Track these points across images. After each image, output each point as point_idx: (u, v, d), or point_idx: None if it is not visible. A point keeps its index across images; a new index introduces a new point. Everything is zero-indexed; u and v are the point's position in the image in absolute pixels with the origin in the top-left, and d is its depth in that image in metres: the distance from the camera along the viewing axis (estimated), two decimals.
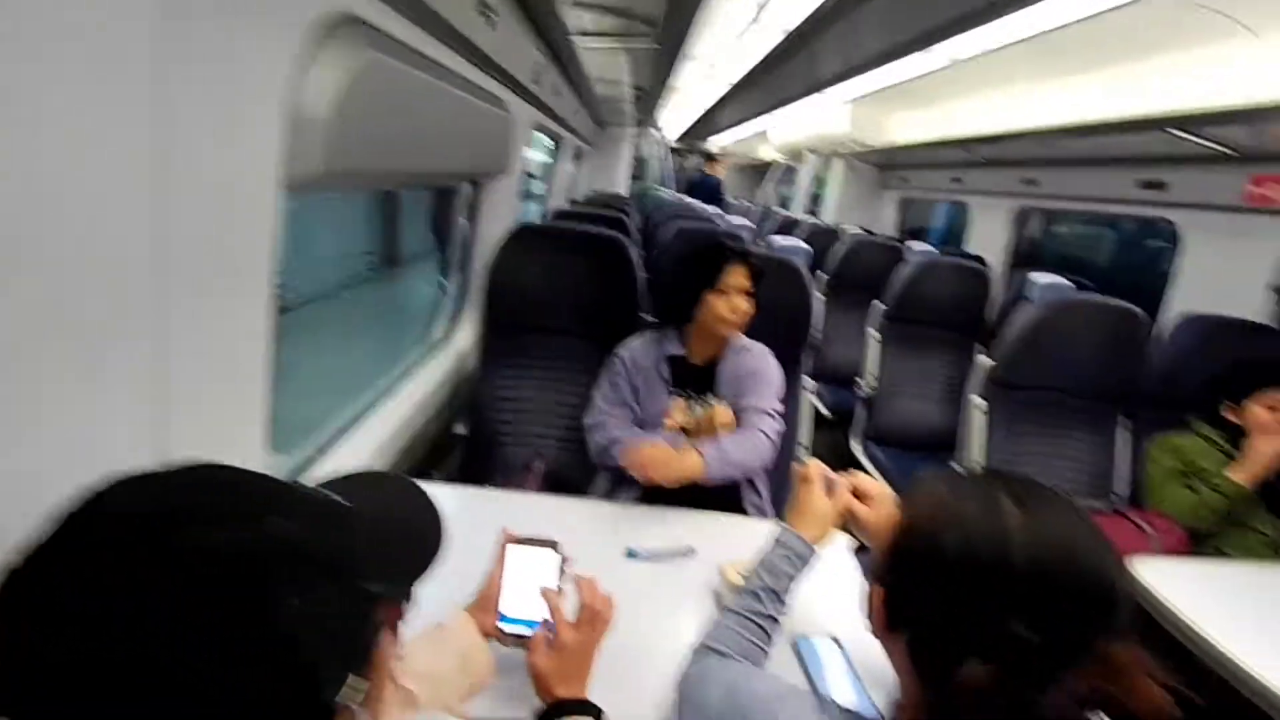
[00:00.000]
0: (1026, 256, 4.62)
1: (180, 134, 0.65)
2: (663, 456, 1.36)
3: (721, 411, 1.59)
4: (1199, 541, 1.75)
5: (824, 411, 3.39)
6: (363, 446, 1.48)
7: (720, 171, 9.77)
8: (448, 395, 1.99)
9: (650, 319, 1.93)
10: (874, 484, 0.93)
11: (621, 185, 6.66)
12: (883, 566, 0.65)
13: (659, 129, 7.94)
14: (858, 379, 2.91)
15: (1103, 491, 2.00)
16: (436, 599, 0.87)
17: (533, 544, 0.92)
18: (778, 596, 0.89)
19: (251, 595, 0.35)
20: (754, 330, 1.65)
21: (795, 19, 2.38)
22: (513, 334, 1.91)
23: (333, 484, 0.53)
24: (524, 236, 1.88)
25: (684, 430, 1.60)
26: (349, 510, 0.45)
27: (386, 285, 7.20)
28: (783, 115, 5.20)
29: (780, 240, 2.07)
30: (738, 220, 3.15)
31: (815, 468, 0.96)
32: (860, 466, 2.78)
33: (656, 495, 1.52)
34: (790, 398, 1.79)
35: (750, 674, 0.76)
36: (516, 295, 1.87)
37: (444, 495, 1.43)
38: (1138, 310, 1.93)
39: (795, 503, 0.95)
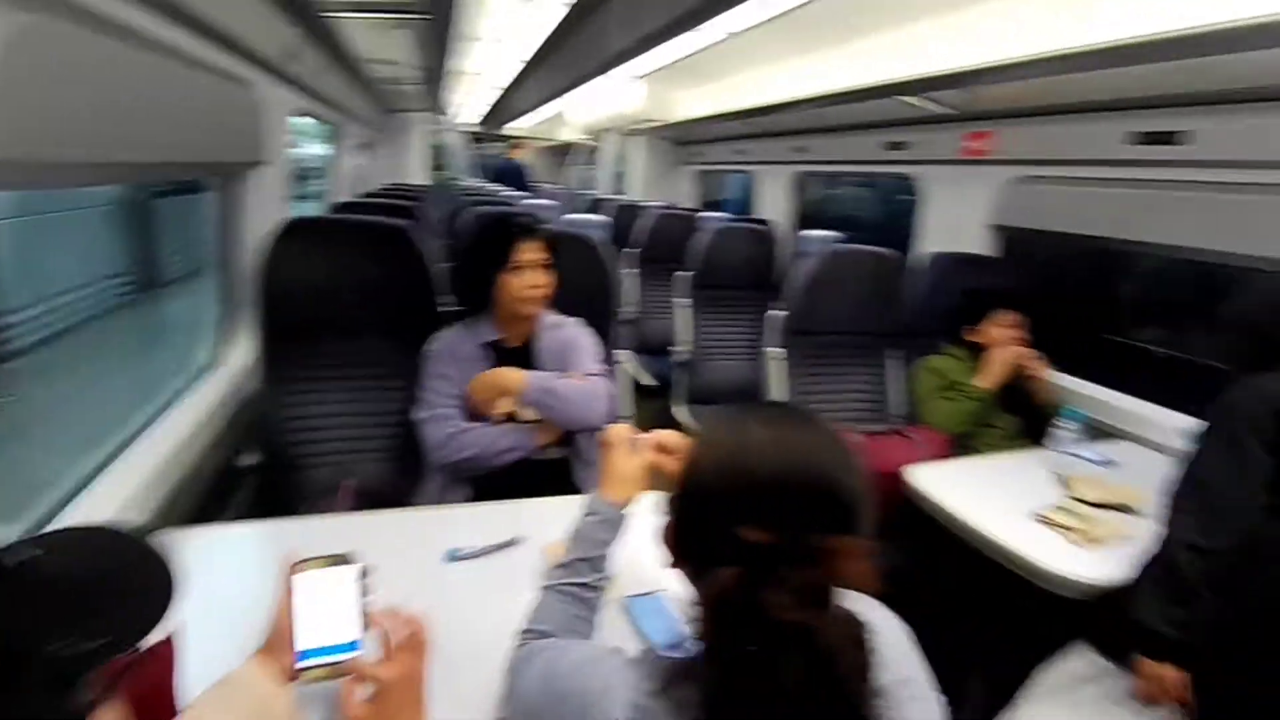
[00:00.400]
0: (810, 218, 5.12)
1: None
2: (487, 378, 1.50)
3: None
4: (957, 445, 2.06)
5: (647, 381, 3.50)
6: (114, 496, 1.24)
7: (525, 155, 9.64)
8: (225, 423, 1.74)
9: (450, 309, 1.84)
10: (677, 437, 0.95)
11: (419, 175, 6.28)
12: (671, 498, 0.68)
13: (455, 115, 7.59)
14: (673, 346, 3.04)
15: (882, 415, 2.28)
16: (227, 651, 0.78)
17: (323, 564, 0.82)
18: (593, 564, 0.89)
19: None
20: (560, 307, 1.65)
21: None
22: (296, 343, 1.71)
23: (30, 540, 0.42)
24: (295, 233, 1.67)
25: (511, 418, 1.56)
26: (22, 565, 0.37)
27: (146, 311, 6.20)
28: (580, 95, 5.22)
29: (574, 217, 2.09)
30: (541, 202, 3.12)
31: (616, 431, 0.96)
32: (683, 427, 2.91)
33: (489, 491, 1.50)
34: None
35: (566, 647, 0.75)
36: (295, 300, 1.68)
37: (230, 536, 1.27)
38: (892, 253, 2.21)
39: (601, 469, 0.95)
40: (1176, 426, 1.91)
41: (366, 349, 1.78)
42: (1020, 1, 1.94)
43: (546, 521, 1.28)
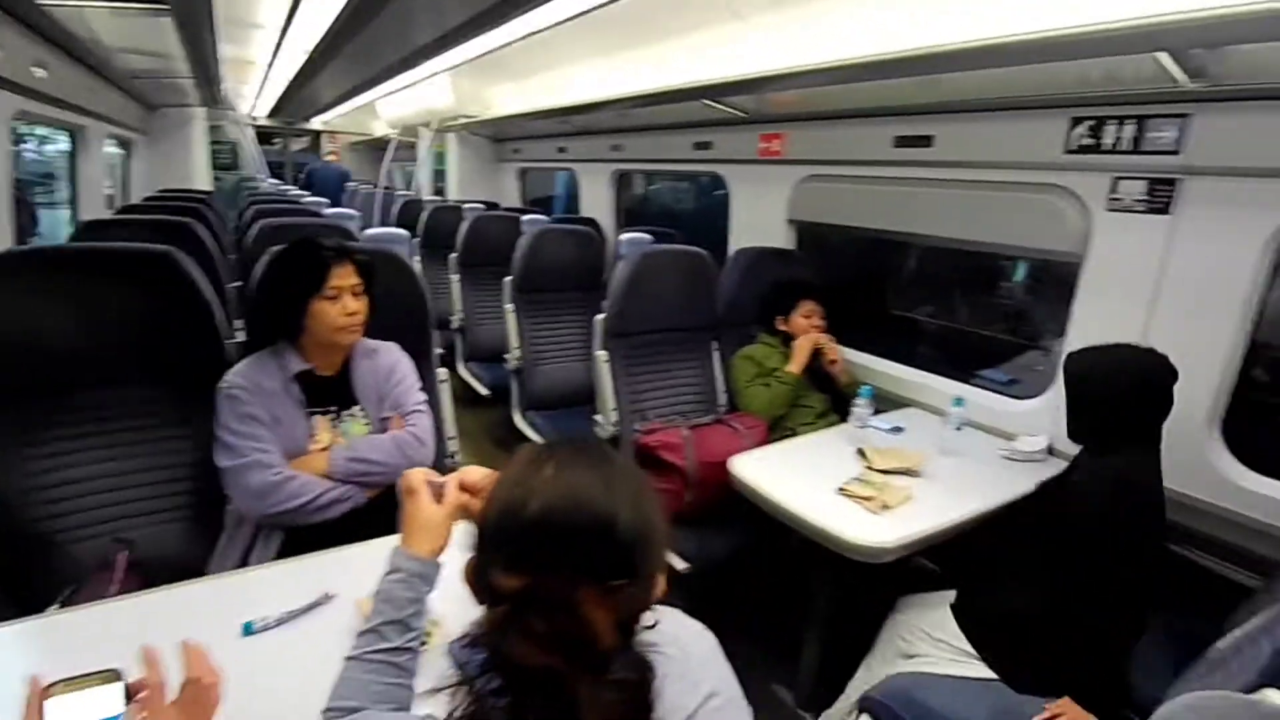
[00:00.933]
0: (636, 215, 5.24)
1: None
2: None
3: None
4: (776, 428, 2.23)
5: (483, 390, 3.40)
6: None
7: (334, 152, 8.87)
8: None
9: (237, 340, 1.64)
10: (482, 473, 0.90)
11: (200, 177, 5.53)
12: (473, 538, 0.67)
13: (244, 109, 6.77)
14: (506, 354, 2.96)
15: (709, 406, 2.40)
16: None
17: (83, 684, 0.67)
18: (405, 625, 0.81)
19: None
20: (374, 329, 1.54)
21: None
22: (29, 402, 1.41)
23: None
24: (12, 268, 1.38)
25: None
26: None
27: None
28: (385, 89, 4.89)
29: (375, 231, 1.94)
30: (341, 210, 2.87)
31: (416, 476, 0.89)
32: (524, 435, 2.87)
33: (305, 543, 1.35)
34: (428, 390, 1.71)
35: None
36: (19, 351, 1.38)
37: None
38: (702, 251, 2.33)
39: (403, 518, 0.88)
40: (948, 391, 2.22)
41: (131, 397, 1.52)
42: (802, 16, 2.12)
43: (364, 570, 1.18)
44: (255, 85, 5.79)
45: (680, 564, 1.97)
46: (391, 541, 0.91)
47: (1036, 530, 1.50)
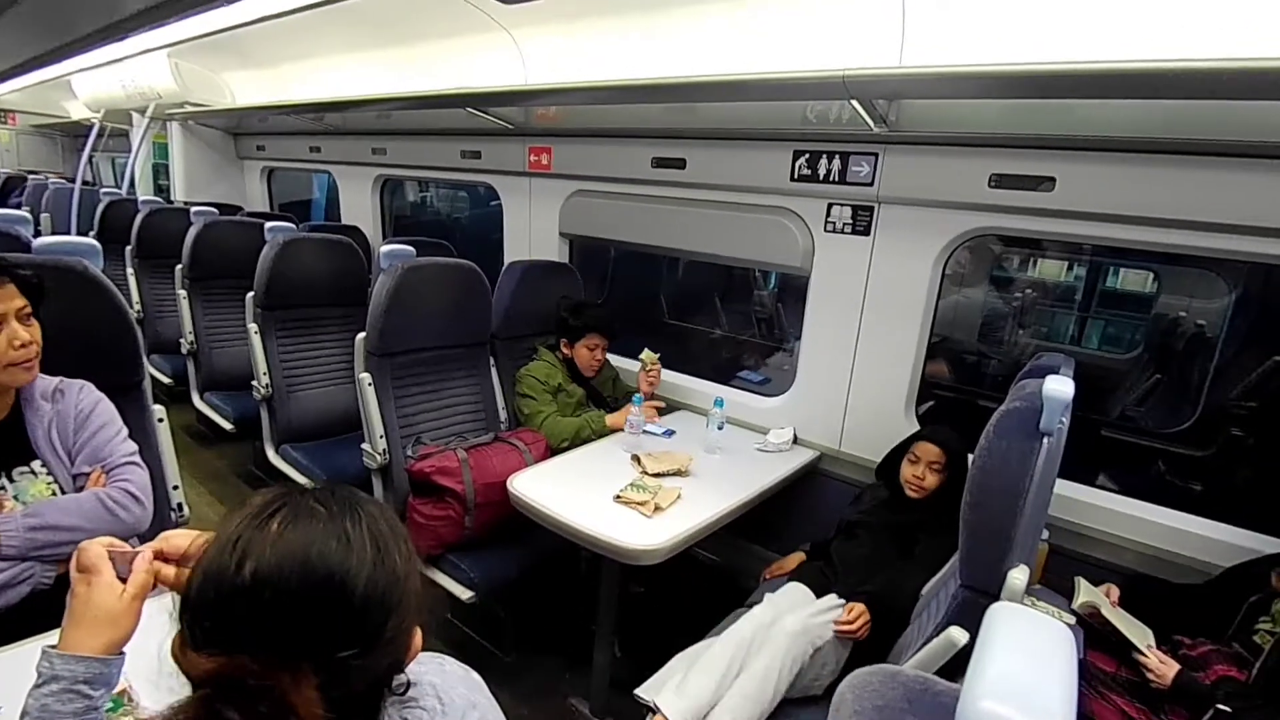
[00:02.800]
0: (409, 226, 4.92)
1: None
2: None
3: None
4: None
5: (225, 425, 2.94)
6: None
7: (4, 136, 7.09)
8: None
9: None
10: (188, 537, 0.75)
11: None
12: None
13: None
14: (254, 381, 2.58)
15: (488, 423, 2.33)
16: None
17: None
18: None
19: None
20: (54, 363, 1.25)
21: None
22: None
23: None
24: None
25: None
26: None
27: None
28: (84, 63, 4.01)
29: (47, 241, 1.52)
30: (10, 214, 2.24)
31: (92, 549, 0.71)
32: (281, 473, 2.52)
33: None
34: (139, 434, 1.41)
35: None
36: None
37: None
38: (473, 265, 2.25)
39: (69, 607, 0.70)
40: (710, 393, 2.42)
41: None
42: (568, 33, 2.16)
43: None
44: None
45: (464, 593, 1.87)
46: None
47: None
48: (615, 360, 2.59)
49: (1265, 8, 1.20)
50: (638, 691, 1.53)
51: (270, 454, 2.58)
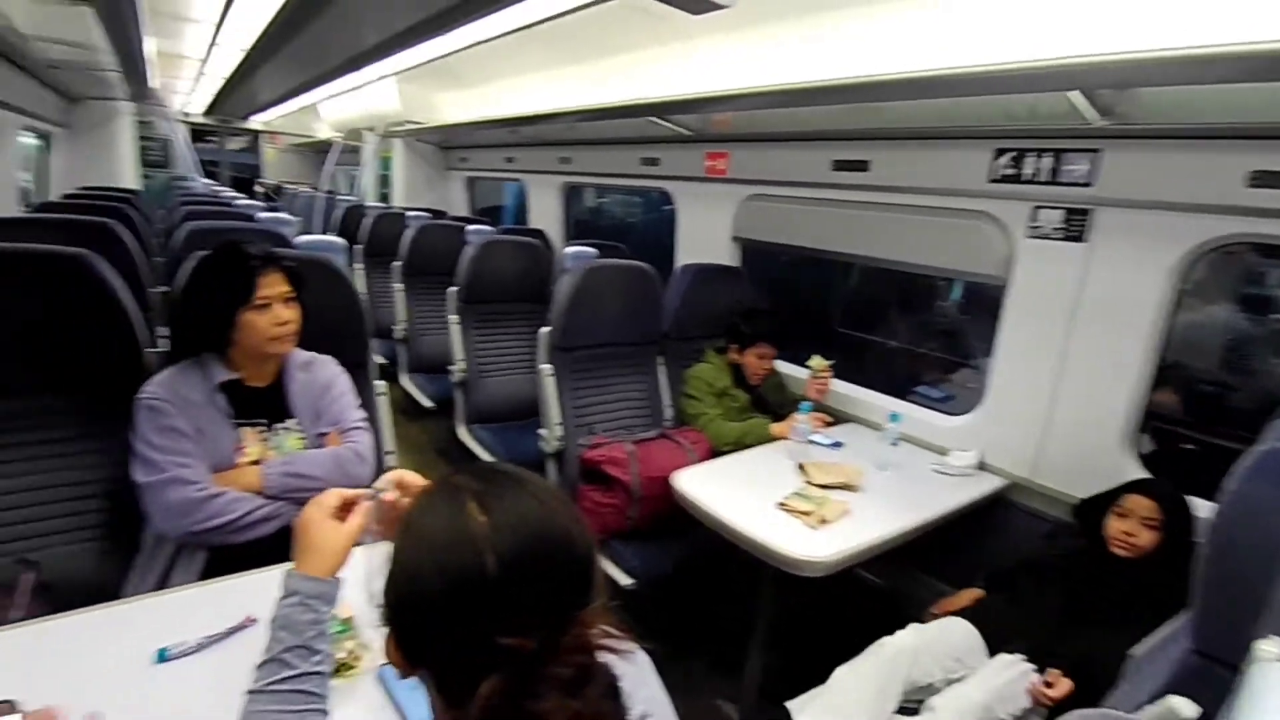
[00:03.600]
0: (586, 227, 5.24)
1: None
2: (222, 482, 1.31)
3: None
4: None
5: (426, 403, 3.32)
6: None
7: (272, 153, 8.57)
8: None
9: (160, 350, 1.55)
10: (416, 476, 0.86)
11: (127, 175, 5.24)
12: (385, 609, 0.60)
13: (177, 105, 6.46)
14: (451, 365, 2.90)
15: (654, 420, 2.40)
16: None
17: None
18: (308, 649, 0.76)
19: None
20: (307, 340, 1.48)
21: None
22: None
23: None
24: None
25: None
26: None
27: None
28: (330, 90, 4.77)
29: (309, 239, 1.88)
30: (278, 215, 2.78)
31: (327, 497, 0.83)
32: (467, 449, 2.81)
33: (226, 562, 1.28)
34: (365, 405, 1.65)
35: None
36: None
37: None
38: (646, 266, 2.34)
39: (296, 538, 0.84)
40: (885, 407, 2.29)
41: (37, 409, 1.41)
42: (746, 39, 2.17)
43: None
44: (189, 81, 5.54)
45: (625, 579, 1.96)
46: None
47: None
48: (781, 367, 2.55)
49: None
50: (789, 705, 1.50)
51: (461, 431, 2.87)
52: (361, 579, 0.69)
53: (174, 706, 0.91)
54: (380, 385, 1.85)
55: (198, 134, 8.48)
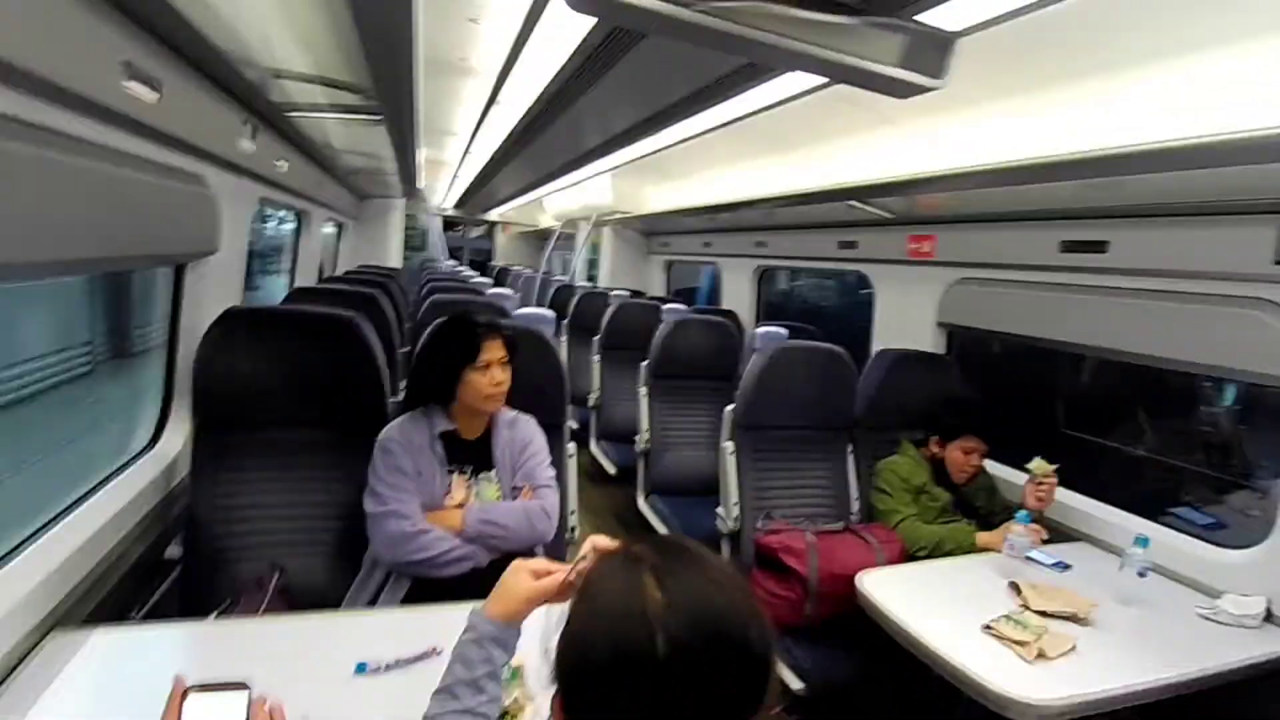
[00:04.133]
0: (777, 310, 5.25)
1: None
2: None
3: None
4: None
5: (611, 469, 3.46)
6: (11, 591, 1.15)
7: (502, 240, 9.89)
8: (155, 513, 1.66)
9: (396, 400, 1.82)
10: (611, 542, 0.88)
11: (394, 256, 6.37)
12: (555, 667, 0.61)
13: (432, 200, 7.80)
14: (636, 436, 3.01)
15: (839, 511, 2.25)
16: None
17: (218, 689, 0.77)
18: (478, 686, 0.80)
19: None
20: (512, 400, 1.64)
21: (533, 97, 2.49)
22: (229, 433, 1.66)
23: None
24: (233, 322, 1.66)
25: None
26: None
27: (106, 382, 6.07)
28: (553, 186, 5.43)
29: (524, 311, 2.13)
30: (500, 291, 3.20)
31: (529, 561, 0.87)
32: (645, 519, 2.85)
33: (430, 592, 1.44)
34: (556, 464, 1.77)
35: None
36: (230, 389, 1.64)
37: (139, 638, 1.19)
38: (840, 350, 2.26)
39: (496, 587, 0.89)
40: (1129, 528, 1.91)
41: (305, 439, 1.73)
42: (956, 118, 2.09)
43: None
44: (446, 181, 6.69)
45: (795, 682, 1.80)
46: None
47: None
48: (993, 469, 2.26)
49: None
50: None
51: (640, 501, 2.94)
52: (539, 634, 0.71)
53: (371, 716, 1.00)
54: (571, 448, 1.97)
55: (447, 224, 10.12)
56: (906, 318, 2.83)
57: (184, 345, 1.88)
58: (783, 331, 2.24)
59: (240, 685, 0.78)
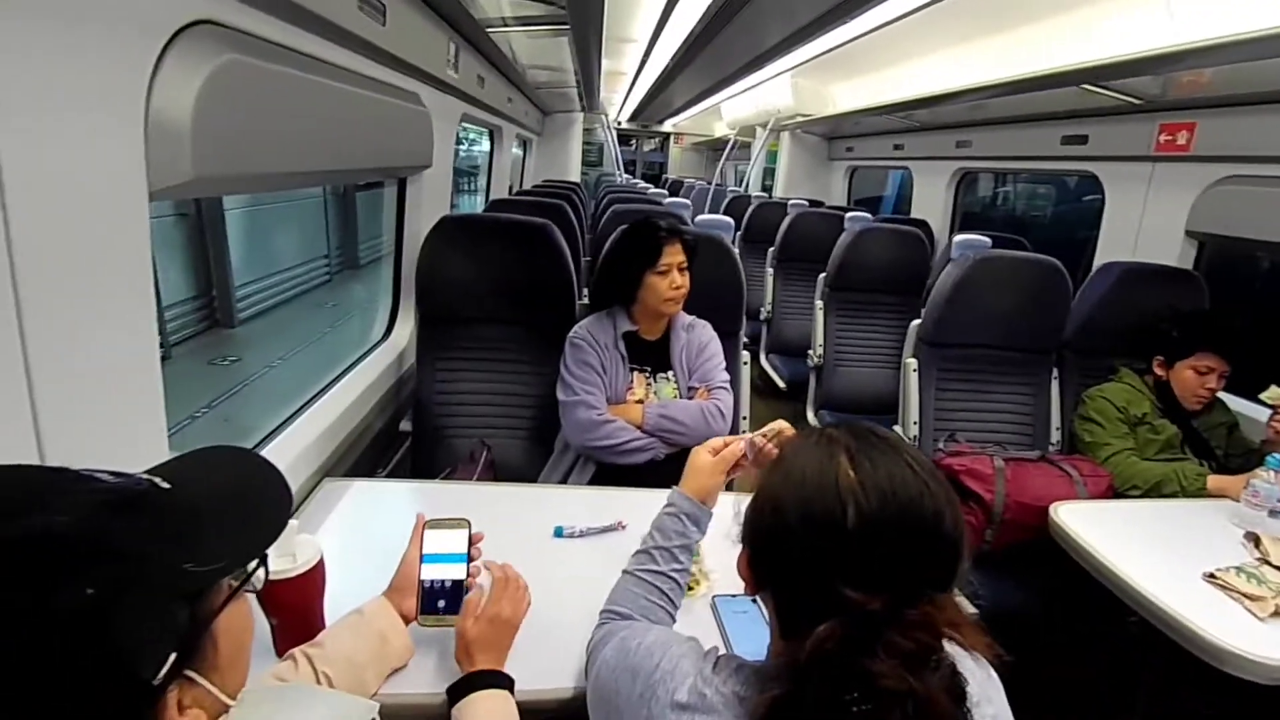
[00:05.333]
0: (976, 221, 4.71)
1: (23, 151, 0.64)
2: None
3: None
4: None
5: (780, 384, 3.45)
6: (295, 445, 1.47)
7: (675, 152, 9.79)
8: (391, 392, 1.98)
9: (584, 302, 1.95)
10: (790, 430, 0.94)
11: (573, 171, 6.59)
12: (745, 529, 0.67)
13: (607, 113, 7.87)
14: (809, 350, 2.95)
15: (1032, 439, 2.06)
16: (374, 588, 0.93)
17: (447, 525, 0.96)
18: (672, 555, 0.91)
19: (23, 591, 0.35)
20: (691, 305, 1.71)
21: None
22: (447, 327, 1.90)
23: (159, 467, 0.50)
24: (447, 229, 1.86)
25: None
26: (161, 492, 0.44)
27: (341, 289, 7.15)
28: (729, 92, 5.22)
29: (704, 218, 2.11)
30: (677, 200, 3.20)
31: (715, 440, 0.99)
32: None
33: (612, 475, 1.61)
34: (730, 370, 1.82)
35: (645, 628, 0.77)
36: (446, 288, 1.86)
37: (385, 490, 1.46)
38: (1055, 262, 1.99)
39: (687, 464, 0.98)
40: None
41: (508, 335, 1.94)
42: None
43: (654, 511, 1.34)
44: (621, 93, 6.69)
45: (968, 607, 1.75)
46: None
47: None
48: (1236, 405, 1.92)
49: None
50: None
51: (810, 416, 2.91)
52: (724, 519, 0.79)
53: (565, 571, 1.16)
54: (745, 356, 1.99)
55: (621, 138, 10.19)
56: (1144, 225, 2.40)
57: (407, 250, 2.14)
58: (986, 240, 2.02)
59: (463, 521, 0.96)
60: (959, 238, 2.04)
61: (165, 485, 0.45)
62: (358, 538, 1.25)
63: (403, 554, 0.94)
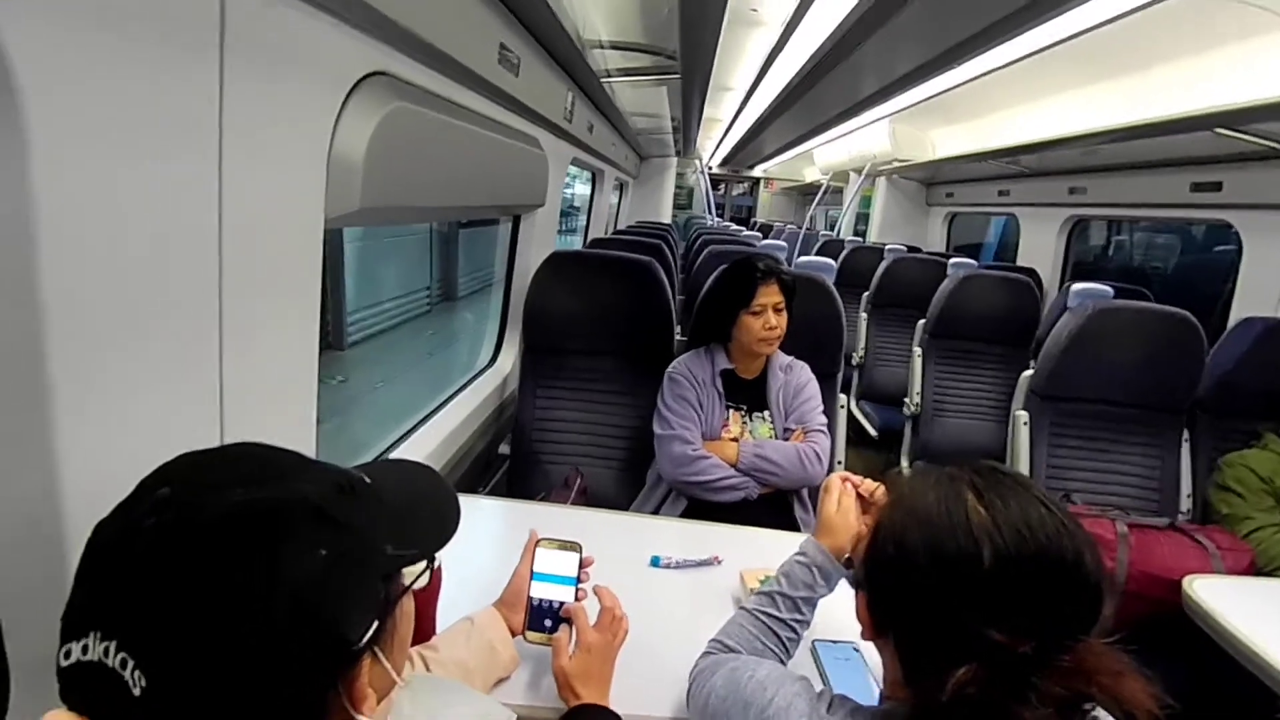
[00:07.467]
0: (1089, 270, 4.46)
1: (240, 176, 0.76)
2: (709, 448, 1.61)
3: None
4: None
5: (871, 431, 3.34)
6: (416, 453, 1.57)
7: (764, 197, 9.86)
8: (492, 417, 2.08)
9: (681, 338, 1.99)
10: (876, 486, 0.92)
11: (665, 213, 6.76)
12: (861, 571, 0.66)
13: (700, 159, 8.05)
14: (905, 399, 2.86)
15: (1163, 508, 1.90)
16: (471, 597, 0.98)
17: (556, 545, 0.98)
18: (795, 604, 0.88)
19: (266, 544, 0.40)
20: (789, 346, 1.72)
21: (817, 44, 2.42)
22: (549, 357, 1.99)
23: (359, 467, 0.57)
24: (557, 264, 1.96)
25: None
26: (369, 484, 0.51)
27: (443, 318, 7.56)
28: (824, 138, 5.24)
29: (805, 259, 2.11)
30: (772, 242, 3.22)
31: (835, 477, 0.95)
32: None
33: (703, 511, 1.61)
34: (827, 413, 1.80)
35: (756, 663, 0.76)
36: (551, 320, 1.96)
37: (485, 506, 1.54)
38: (1187, 314, 1.85)
39: (817, 515, 0.96)
40: None
41: (607, 367, 2.00)
42: None
43: (747, 548, 1.34)
44: (715, 139, 6.84)
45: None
46: (774, 535, 0.98)
47: None
48: None
49: None
50: None
51: (904, 466, 2.81)
52: None
53: (663, 601, 1.17)
54: (842, 398, 1.96)
55: (711, 182, 10.38)
56: None
57: (517, 281, 2.27)
58: (1107, 290, 1.91)
59: (575, 545, 0.98)
60: (1077, 286, 1.94)
61: (369, 480, 0.51)
62: (459, 549, 1.31)
63: (514, 569, 0.97)
